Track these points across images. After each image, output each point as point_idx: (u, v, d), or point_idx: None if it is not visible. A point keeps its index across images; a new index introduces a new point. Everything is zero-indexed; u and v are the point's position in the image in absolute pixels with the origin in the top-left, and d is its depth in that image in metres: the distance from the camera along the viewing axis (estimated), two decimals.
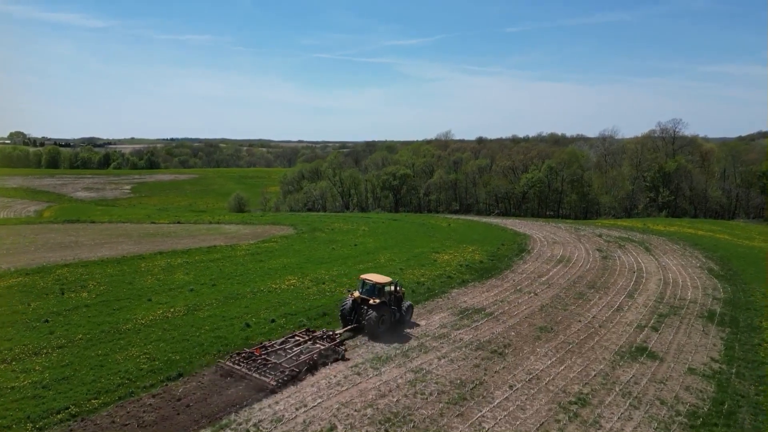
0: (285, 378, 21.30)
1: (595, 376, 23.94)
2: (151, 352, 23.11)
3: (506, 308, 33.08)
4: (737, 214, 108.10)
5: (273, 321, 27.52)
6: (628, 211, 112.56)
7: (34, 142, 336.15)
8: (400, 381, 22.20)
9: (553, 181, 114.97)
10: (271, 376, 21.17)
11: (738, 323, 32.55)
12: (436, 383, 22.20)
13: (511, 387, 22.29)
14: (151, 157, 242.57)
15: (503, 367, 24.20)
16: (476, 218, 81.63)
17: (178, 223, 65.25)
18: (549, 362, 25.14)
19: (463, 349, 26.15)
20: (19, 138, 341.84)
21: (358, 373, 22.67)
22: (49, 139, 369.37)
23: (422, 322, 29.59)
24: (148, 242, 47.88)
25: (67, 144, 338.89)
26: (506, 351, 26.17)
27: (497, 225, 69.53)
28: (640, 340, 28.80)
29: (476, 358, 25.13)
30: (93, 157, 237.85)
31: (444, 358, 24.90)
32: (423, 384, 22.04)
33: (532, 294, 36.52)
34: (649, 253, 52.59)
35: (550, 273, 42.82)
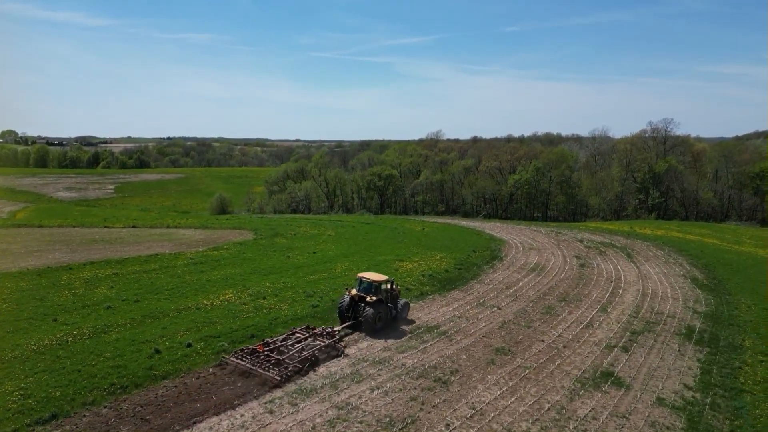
0: (288, 374, 22.37)
1: (548, 410, 21.24)
2: (29, 387, 20.11)
3: (463, 325, 30.34)
4: (729, 217, 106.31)
5: (189, 345, 24.59)
6: (618, 213, 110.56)
7: (26, 140, 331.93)
8: (318, 420, 19.36)
9: (540, 182, 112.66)
10: (275, 372, 22.26)
11: (718, 342, 30.06)
12: (361, 422, 19.39)
13: (448, 426, 19.53)
14: (141, 156, 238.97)
15: (444, 400, 21.43)
16: (456, 221, 79.10)
17: (133, 227, 62.00)
18: (498, 392, 22.41)
19: (403, 377, 23.37)
20: (11, 136, 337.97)
21: (271, 411, 19.81)
22: (42, 138, 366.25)
23: (364, 344, 26.80)
24: (86, 250, 44.73)
25: (60, 143, 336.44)
26: (452, 379, 23.41)
27: (474, 229, 66.92)
28: (607, 364, 26.19)
29: (415, 388, 22.35)
30: (82, 156, 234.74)
31: (378, 389, 22.08)
32: (345, 424, 19.21)
33: (495, 308, 33.83)
34: (630, 260, 50.15)
35: (520, 283, 40.19)
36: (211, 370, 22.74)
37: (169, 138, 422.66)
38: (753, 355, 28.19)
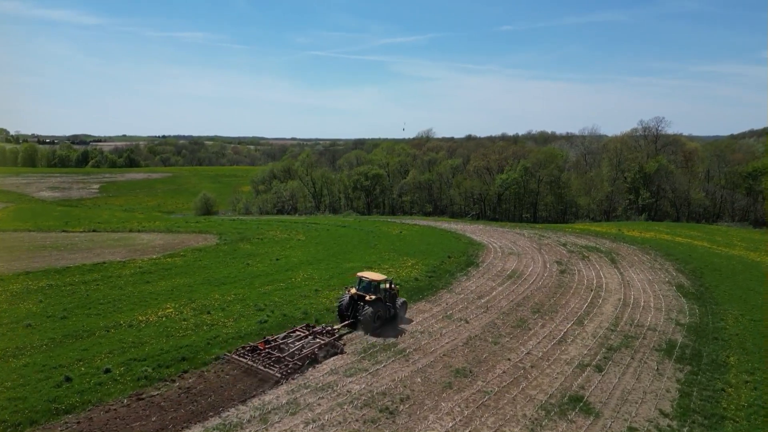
0: (289, 371, 23.11)
1: None
2: None
3: (424, 342, 28.08)
4: (721, 217, 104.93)
5: (107, 371, 22.11)
6: (607, 214, 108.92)
7: (17, 139, 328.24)
8: None
9: (529, 182, 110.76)
10: (276, 369, 23.01)
11: (701, 359, 28.00)
12: None
13: None
14: (131, 154, 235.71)
15: None
16: (438, 224, 76.85)
17: (94, 231, 59.22)
18: (451, 424, 20.15)
19: (346, 406, 21.03)
20: (1, 135, 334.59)
21: None
22: (35, 137, 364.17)
23: (309, 367, 24.46)
24: (29, 258, 42.04)
25: (52, 141, 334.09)
26: (400, 408, 21.12)
27: (454, 232, 64.73)
28: (577, 386, 24.01)
29: (357, 420, 20.04)
30: (71, 154, 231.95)
31: (314, 422, 19.74)
32: None
33: (462, 322, 31.60)
34: (613, 266, 48.15)
35: (494, 293, 38.00)
36: (125, 401, 20.29)
37: (164, 136, 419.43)
38: (737, 374, 26.16)
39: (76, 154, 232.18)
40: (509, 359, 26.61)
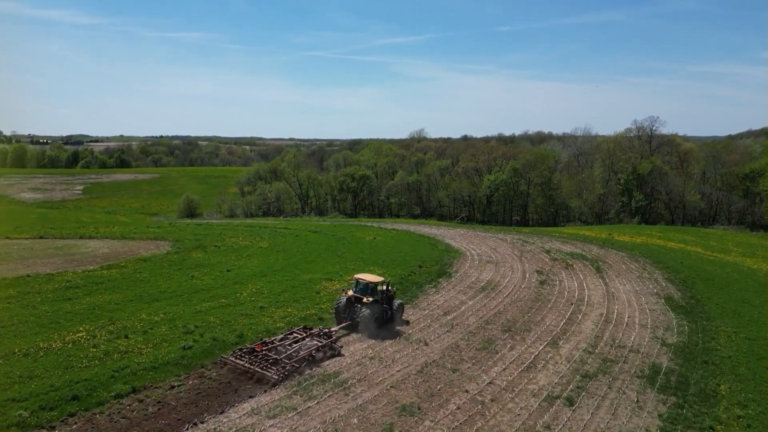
0: (286, 372, 23.14)
1: None
2: None
3: (371, 371, 24.77)
4: (717, 220, 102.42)
5: None
6: (600, 217, 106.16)
7: (10, 140, 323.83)
8: None
9: (518, 183, 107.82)
10: (273, 371, 23.04)
11: (687, 388, 24.88)
12: None
13: None
14: (122, 155, 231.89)
15: None
16: (420, 228, 73.47)
17: (41, 238, 55.50)
18: None
19: None
20: None
21: None
22: (29, 137, 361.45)
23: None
24: None
25: (45, 142, 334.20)
26: None
27: (432, 238, 61.45)
28: (543, 425, 20.79)
29: None
30: (61, 155, 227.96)
31: None
32: None
33: (421, 344, 28.35)
34: (599, 275, 45.06)
35: (462, 308, 34.77)
36: None
37: (161, 136, 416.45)
38: (728, 407, 23.03)
39: (66, 155, 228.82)
40: (467, 391, 23.34)
